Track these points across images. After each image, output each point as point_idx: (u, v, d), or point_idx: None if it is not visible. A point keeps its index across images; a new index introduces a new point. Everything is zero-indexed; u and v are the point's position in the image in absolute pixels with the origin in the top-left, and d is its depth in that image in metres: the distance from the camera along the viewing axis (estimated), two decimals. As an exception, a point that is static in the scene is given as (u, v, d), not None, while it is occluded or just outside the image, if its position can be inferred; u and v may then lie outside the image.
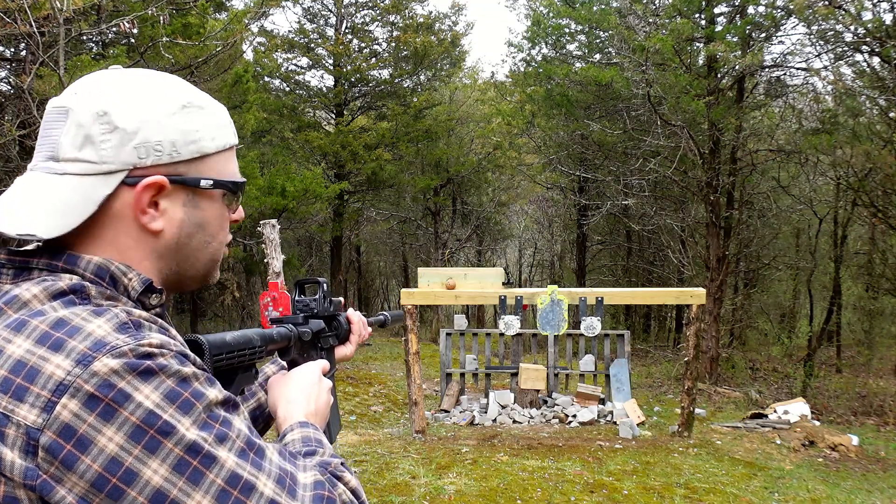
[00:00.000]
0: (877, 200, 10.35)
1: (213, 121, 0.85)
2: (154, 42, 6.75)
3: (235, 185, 0.88)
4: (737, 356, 12.58)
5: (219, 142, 0.85)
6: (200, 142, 0.82)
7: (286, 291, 5.65)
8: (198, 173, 0.83)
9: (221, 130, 0.86)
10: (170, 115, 0.80)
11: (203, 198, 0.84)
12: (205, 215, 0.85)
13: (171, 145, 0.79)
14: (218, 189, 0.85)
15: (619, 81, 10.66)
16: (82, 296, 0.73)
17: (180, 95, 0.82)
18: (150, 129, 0.78)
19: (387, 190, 17.49)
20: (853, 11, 8.46)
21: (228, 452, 0.70)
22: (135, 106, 0.78)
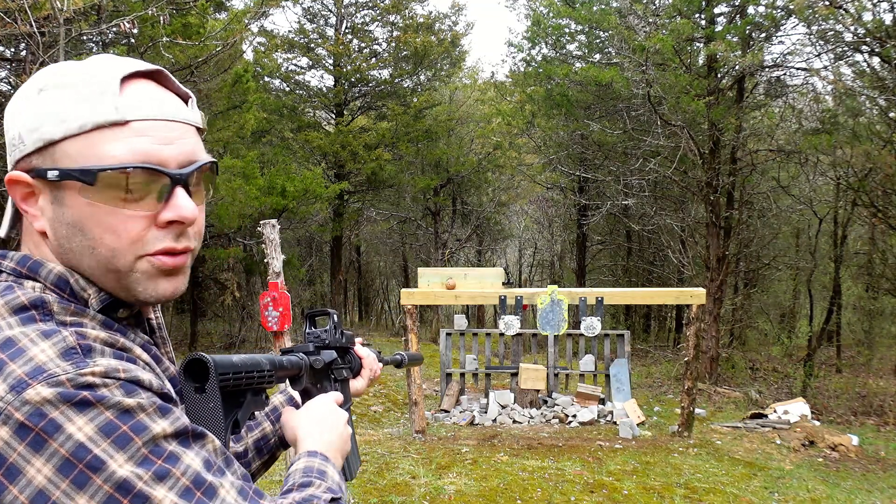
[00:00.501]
0: (877, 200, 10.35)
1: (68, 100, 0.72)
2: (154, 42, 6.75)
3: (85, 174, 0.71)
4: (737, 356, 12.58)
5: (71, 124, 0.71)
6: (43, 127, 0.72)
7: (286, 291, 5.65)
8: (52, 164, 0.72)
9: (78, 107, 0.71)
10: (24, 103, 0.74)
11: (65, 193, 0.73)
12: (74, 213, 0.73)
13: (20, 138, 0.73)
14: (69, 180, 0.72)
15: (619, 81, 10.66)
16: (44, 312, 0.70)
17: (42, 79, 0.74)
18: (12, 122, 0.75)
19: (387, 190, 17.50)
20: (853, 11, 8.46)
21: (168, 492, 0.64)
22: (13, 101, 0.77)
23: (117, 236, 0.73)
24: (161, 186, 0.74)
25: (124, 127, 0.72)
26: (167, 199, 0.75)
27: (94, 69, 0.74)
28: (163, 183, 0.74)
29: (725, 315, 12.21)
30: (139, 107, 0.73)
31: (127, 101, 0.73)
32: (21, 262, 0.76)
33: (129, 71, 0.75)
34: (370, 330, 18.63)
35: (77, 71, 0.74)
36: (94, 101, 0.72)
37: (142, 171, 0.72)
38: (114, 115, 0.72)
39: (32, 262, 0.76)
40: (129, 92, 0.74)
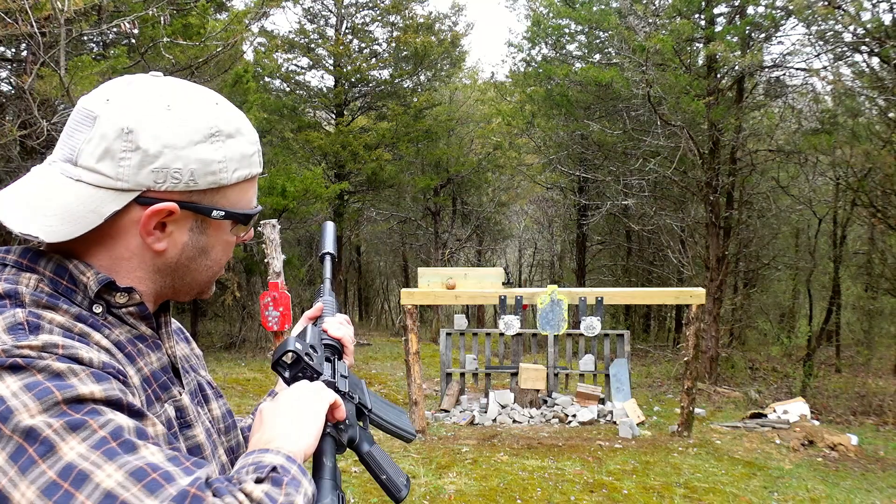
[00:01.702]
0: (876, 200, 10.36)
1: (238, 151, 0.83)
2: (155, 42, 6.76)
3: (247, 217, 0.87)
4: (736, 356, 12.59)
5: (240, 173, 0.84)
6: (220, 174, 0.81)
7: (286, 291, 5.66)
8: (211, 203, 0.83)
9: (244, 161, 0.84)
10: (194, 143, 0.79)
11: (211, 226, 0.85)
12: (210, 241, 0.86)
13: (190, 174, 0.79)
14: (229, 219, 0.85)
15: (619, 81, 10.67)
16: (15, 301, 0.74)
17: (209, 122, 0.80)
18: (172, 155, 0.77)
19: (387, 190, 17.51)
20: (852, 12, 8.47)
21: (79, 443, 0.63)
22: (161, 128, 0.77)
23: (228, 257, 0.91)
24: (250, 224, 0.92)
25: (255, 178, 0.89)
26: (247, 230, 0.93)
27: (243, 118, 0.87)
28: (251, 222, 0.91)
29: (725, 315, 12.22)
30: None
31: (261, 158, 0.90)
32: (22, 255, 0.80)
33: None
34: (370, 330, 18.64)
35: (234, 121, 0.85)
36: (253, 157, 0.86)
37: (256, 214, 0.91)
38: (258, 169, 0.88)
39: (32, 253, 0.80)
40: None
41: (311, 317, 1.19)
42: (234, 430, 1.02)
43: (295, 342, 0.95)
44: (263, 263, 6.14)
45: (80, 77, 5.33)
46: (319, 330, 1.10)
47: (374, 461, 0.98)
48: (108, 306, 0.81)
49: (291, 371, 0.95)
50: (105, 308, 0.80)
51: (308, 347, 0.97)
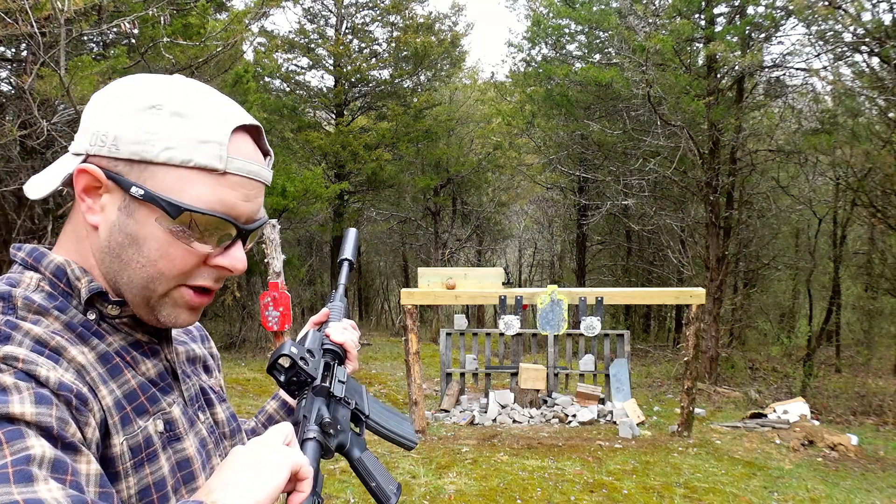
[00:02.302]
0: (876, 200, 10.36)
1: (178, 131, 0.76)
2: (155, 42, 6.76)
3: (173, 208, 0.76)
4: (736, 356, 12.59)
5: (174, 154, 0.75)
6: (145, 145, 0.75)
7: (286, 291, 5.67)
8: (138, 179, 0.76)
9: (186, 145, 0.76)
10: (131, 110, 0.76)
11: (140, 208, 0.77)
12: (139, 231, 0.77)
13: (114, 139, 0.76)
14: (152, 204, 0.76)
15: (619, 81, 10.67)
16: (7, 306, 0.75)
17: (158, 96, 0.77)
18: (106, 119, 0.77)
19: (387, 190, 17.52)
20: (853, 12, 8.47)
21: None
22: (113, 97, 0.79)
23: (171, 265, 0.79)
24: (226, 235, 0.81)
25: (221, 177, 0.78)
26: (227, 247, 0.82)
27: (211, 109, 0.79)
28: (230, 233, 0.81)
29: (725, 315, 12.22)
30: (237, 162, 0.79)
31: (230, 154, 0.78)
32: (29, 253, 0.82)
33: (239, 123, 0.80)
34: (370, 330, 18.65)
35: (194, 104, 0.78)
36: (205, 143, 0.77)
37: (219, 220, 0.78)
38: (217, 164, 0.77)
39: (38, 253, 0.81)
40: (234, 144, 0.79)
41: (317, 321, 1.17)
42: (238, 433, 1.01)
43: (290, 347, 0.93)
44: (263, 263, 6.14)
45: (80, 77, 5.33)
46: (322, 335, 1.09)
47: (365, 468, 0.97)
48: (101, 314, 0.81)
49: (286, 375, 0.94)
50: (98, 315, 0.81)
51: (304, 352, 0.96)
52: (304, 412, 0.91)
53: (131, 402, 0.79)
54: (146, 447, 0.79)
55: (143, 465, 0.78)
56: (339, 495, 4.89)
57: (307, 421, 0.89)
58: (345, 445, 0.95)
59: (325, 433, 0.89)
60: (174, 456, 0.83)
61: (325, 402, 0.94)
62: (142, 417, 0.79)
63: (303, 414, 0.90)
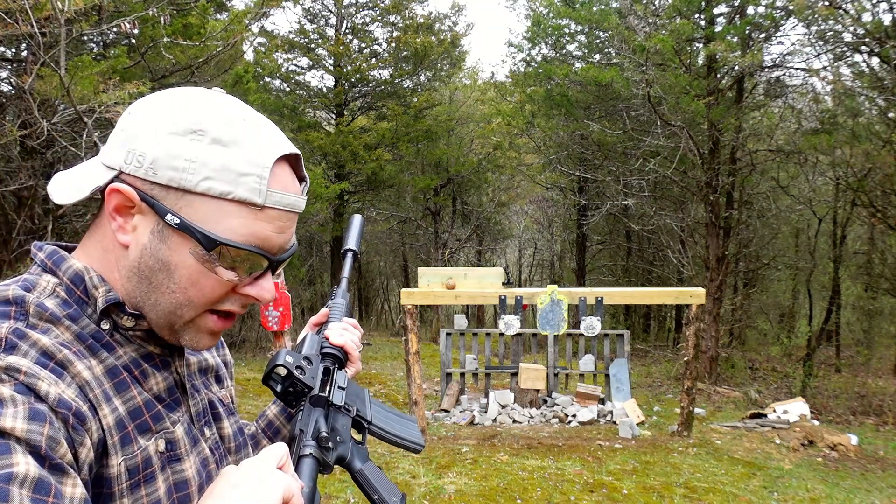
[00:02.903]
0: (876, 200, 10.37)
1: (219, 160, 0.74)
2: (155, 42, 6.76)
3: (209, 241, 0.75)
4: (736, 356, 12.59)
5: (212, 185, 0.74)
6: (182, 172, 0.73)
7: (286, 291, 5.67)
8: (174, 206, 0.75)
9: (226, 176, 0.74)
10: (170, 133, 0.75)
11: (174, 235, 0.76)
12: (171, 257, 0.76)
13: (151, 161, 0.74)
14: (187, 233, 0.75)
15: (619, 81, 10.68)
16: (19, 311, 0.74)
17: (201, 120, 0.75)
18: (145, 139, 0.75)
19: (387, 190, 17.51)
20: (853, 12, 8.48)
21: None
22: (152, 114, 0.77)
23: (201, 293, 0.78)
24: (257, 265, 0.80)
25: (259, 210, 0.76)
26: (257, 277, 0.82)
27: (252, 137, 0.77)
28: (261, 264, 0.80)
29: (725, 315, 12.22)
30: (276, 196, 0.77)
31: (269, 188, 0.76)
32: (49, 255, 0.81)
33: (279, 154, 0.78)
34: (370, 330, 18.65)
35: (236, 130, 0.76)
36: (245, 176, 0.75)
37: (253, 254, 0.78)
38: (256, 199, 0.76)
39: (58, 256, 0.80)
40: (273, 177, 0.77)
41: (316, 323, 1.13)
42: (244, 448, 0.99)
43: (285, 355, 0.90)
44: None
45: (80, 77, 5.33)
46: (320, 338, 1.04)
47: (366, 480, 0.94)
48: (115, 325, 0.80)
49: (283, 385, 0.92)
50: (112, 326, 0.80)
51: (300, 360, 0.93)
52: (300, 426, 0.88)
53: (135, 419, 0.78)
54: (144, 468, 0.77)
55: (140, 486, 0.76)
56: (338, 495, 4.89)
57: (303, 435, 0.86)
58: (345, 457, 0.92)
59: (322, 448, 0.86)
60: (172, 476, 0.81)
61: (323, 412, 0.91)
62: (143, 436, 0.78)
63: (299, 428, 0.87)
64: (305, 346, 1.01)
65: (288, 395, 0.93)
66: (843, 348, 13.61)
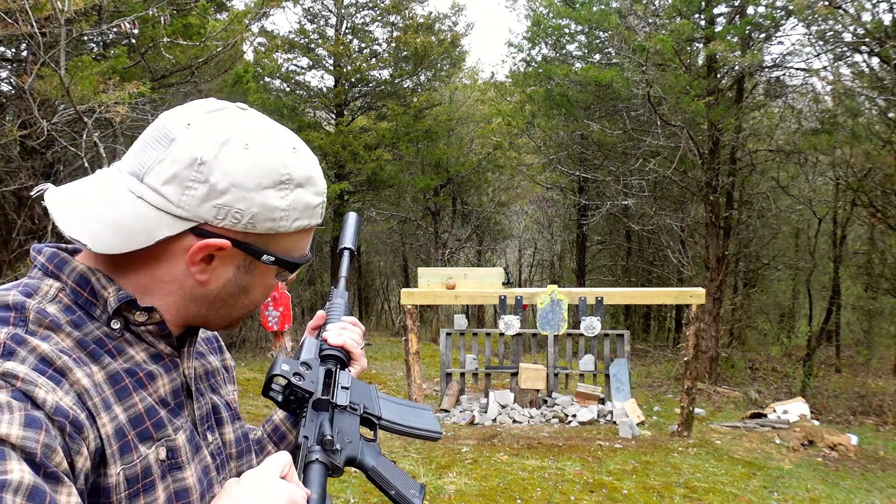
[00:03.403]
0: (876, 200, 10.37)
1: (303, 202, 0.82)
2: (155, 42, 6.76)
3: (295, 266, 0.87)
4: (736, 356, 12.59)
5: (300, 223, 0.83)
6: (280, 221, 0.80)
7: (286, 291, 5.67)
8: (264, 246, 0.82)
9: (307, 212, 0.83)
10: (262, 188, 0.78)
11: (259, 268, 0.84)
12: (254, 282, 0.85)
13: (251, 217, 0.78)
14: (278, 265, 0.84)
15: (619, 81, 10.68)
16: (19, 317, 0.73)
17: (282, 168, 0.79)
18: (238, 195, 0.76)
19: (387, 190, 17.51)
20: (853, 12, 8.48)
21: None
22: (233, 166, 0.76)
23: (263, 298, 0.90)
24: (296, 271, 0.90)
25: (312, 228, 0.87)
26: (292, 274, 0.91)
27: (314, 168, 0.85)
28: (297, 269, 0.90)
29: (725, 315, 12.23)
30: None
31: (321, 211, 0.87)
32: (50, 258, 0.79)
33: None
34: (370, 330, 18.65)
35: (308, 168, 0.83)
36: (316, 208, 0.85)
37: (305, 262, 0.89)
38: (318, 221, 0.87)
39: (59, 259, 0.79)
40: None
41: (314, 327, 1.14)
42: (247, 454, 0.99)
43: (282, 364, 0.90)
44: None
45: (80, 77, 5.33)
46: (319, 341, 1.04)
47: (380, 476, 0.92)
48: (127, 323, 0.80)
49: (283, 395, 0.91)
50: (123, 324, 0.79)
51: (298, 367, 0.92)
52: (304, 433, 0.86)
53: (135, 426, 0.77)
54: (144, 477, 0.76)
55: (139, 495, 0.76)
56: (339, 495, 4.89)
57: (308, 441, 0.85)
58: (356, 457, 0.91)
59: (328, 451, 0.84)
60: (173, 485, 0.80)
61: (328, 416, 0.89)
62: (144, 444, 0.77)
63: (303, 435, 0.86)
64: (303, 352, 1.00)
65: (291, 404, 0.93)
66: (843, 348, 13.62)
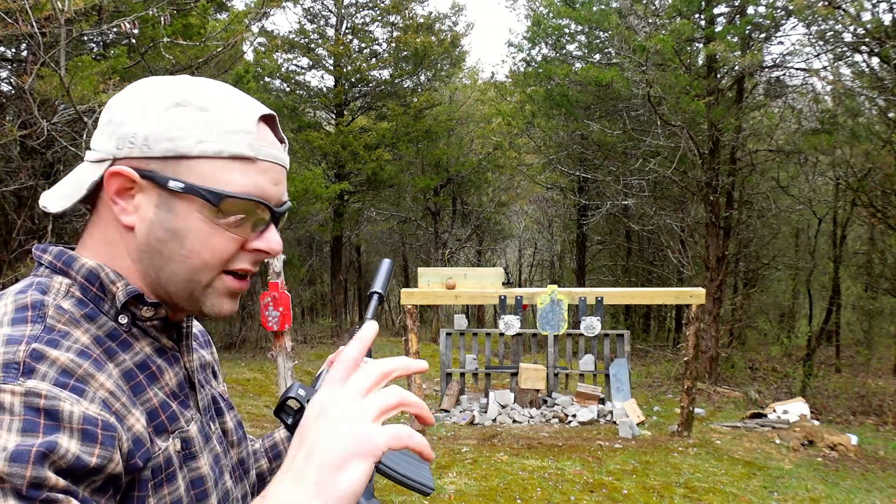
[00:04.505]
0: (876, 200, 10.37)
1: (209, 123, 0.78)
2: (155, 42, 6.76)
3: (215, 196, 0.77)
4: (736, 356, 12.59)
5: (208, 146, 0.77)
6: (178, 140, 0.77)
7: (286, 291, 5.67)
8: (174, 174, 0.77)
9: (219, 136, 0.78)
10: (157, 110, 0.78)
11: (178, 202, 0.78)
12: (180, 223, 0.78)
13: (144, 139, 0.77)
14: (193, 195, 0.77)
15: (619, 81, 10.68)
16: (37, 315, 0.74)
17: (180, 93, 0.79)
18: (131, 121, 0.78)
19: (387, 190, 17.52)
20: (853, 12, 8.48)
21: None
22: (132, 99, 0.80)
23: (213, 253, 0.80)
24: (260, 219, 0.82)
25: (252, 164, 0.80)
26: (262, 231, 0.83)
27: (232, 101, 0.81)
28: (264, 217, 0.82)
29: (725, 315, 12.22)
30: (265, 148, 0.81)
31: (259, 142, 0.81)
32: (57, 256, 0.81)
33: (262, 114, 0.83)
34: (370, 330, 18.62)
35: (216, 97, 0.80)
36: (234, 133, 0.79)
37: (256, 204, 0.80)
38: (248, 152, 0.79)
39: (68, 256, 0.80)
40: (260, 133, 0.82)
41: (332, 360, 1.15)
42: (243, 441, 1.00)
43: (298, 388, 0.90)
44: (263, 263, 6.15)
45: (80, 77, 5.33)
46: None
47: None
48: (134, 318, 0.81)
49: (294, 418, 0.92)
50: (130, 319, 0.80)
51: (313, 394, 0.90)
52: None
53: (152, 420, 0.79)
54: (166, 468, 0.78)
55: (163, 485, 0.77)
56: None
57: None
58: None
59: None
60: (189, 474, 0.82)
61: None
62: (160, 437, 0.79)
63: None
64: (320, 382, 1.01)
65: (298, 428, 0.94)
66: (843, 348, 13.62)
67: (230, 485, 0.92)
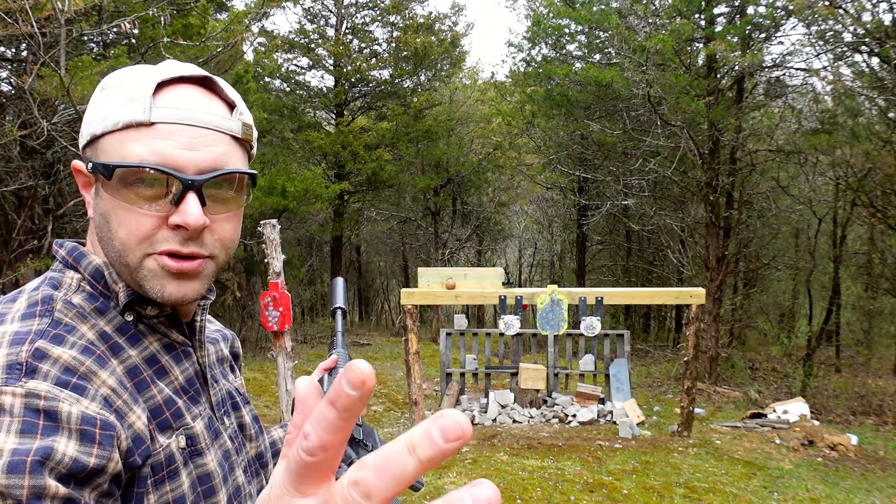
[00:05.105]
0: (876, 200, 10.36)
1: (114, 98, 0.76)
2: (155, 43, 6.76)
3: (106, 169, 0.74)
4: (736, 356, 12.59)
5: (109, 121, 0.75)
6: (94, 124, 0.77)
7: (286, 291, 5.66)
8: (91, 156, 0.78)
9: (118, 107, 0.75)
10: (91, 102, 0.80)
11: (101, 185, 0.77)
12: (105, 206, 0.77)
13: (83, 130, 0.80)
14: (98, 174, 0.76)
15: (619, 81, 10.67)
16: (45, 309, 0.74)
17: (106, 80, 0.80)
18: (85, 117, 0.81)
19: (387, 190, 17.52)
20: (853, 12, 8.48)
21: None
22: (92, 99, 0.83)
23: (128, 232, 0.76)
24: (175, 190, 0.75)
25: (150, 128, 0.74)
26: (178, 202, 0.75)
27: (141, 73, 0.78)
28: (177, 186, 0.75)
29: (725, 315, 12.22)
30: (166, 111, 0.75)
31: (158, 104, 0.75)
32: (70, 252, 0.82)
33: (172, 76, 0.78)
34: (370, 330, 18.65)
35: (130, 74, 0.78)
36: (131, 101, 0.75)
37: (155, 172, 0.73)
38: (140, 116, 0.74)
39: (78, 252, 0.82)
40: (166, 96, 0.77)
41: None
42: (260, 435, 1.01)
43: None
44: (263, 263, 6.14)
45: (80, 77, 5.33)
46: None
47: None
48: (139, 315, 0.81)
49: None
50: (136, 317, 0.81)
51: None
52: None
53: (156, 417, 0.78)
54: (168, 465, 0.78)
55: (164, 482, 0.77)
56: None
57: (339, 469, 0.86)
58: None
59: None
60: (195, 471, 0.82)
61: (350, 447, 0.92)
62: (164, 434, 0.79)
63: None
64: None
65: None
66: (843, 348, 13.62)
67: (242, 480, 0.92)
